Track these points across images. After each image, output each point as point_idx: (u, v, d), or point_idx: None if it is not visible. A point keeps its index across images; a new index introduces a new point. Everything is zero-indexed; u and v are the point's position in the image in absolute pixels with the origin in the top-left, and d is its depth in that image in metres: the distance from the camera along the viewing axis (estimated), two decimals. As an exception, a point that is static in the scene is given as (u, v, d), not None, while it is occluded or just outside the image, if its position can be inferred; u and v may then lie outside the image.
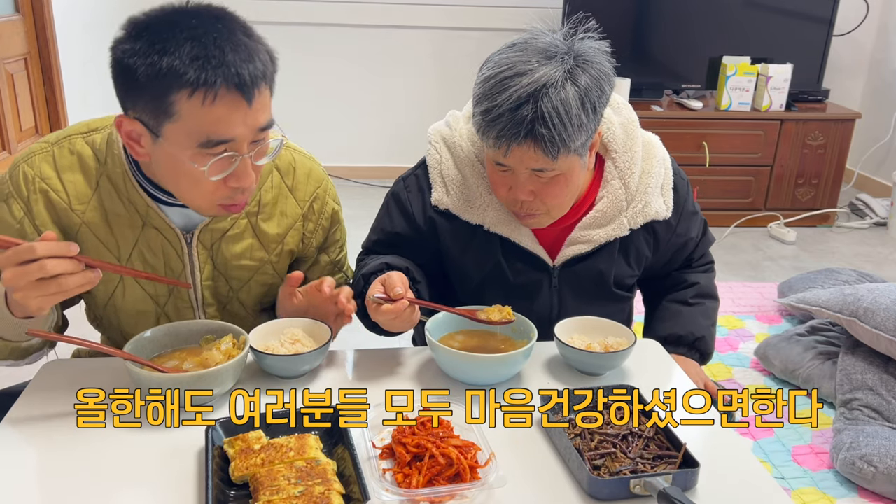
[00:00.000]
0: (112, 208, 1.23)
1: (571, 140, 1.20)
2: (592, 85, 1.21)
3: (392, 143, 4.57)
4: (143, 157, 1.13)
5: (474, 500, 0.98)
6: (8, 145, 2.76)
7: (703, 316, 1.55)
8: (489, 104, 1.20)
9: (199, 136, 1.06)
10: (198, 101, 1.03)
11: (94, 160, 1.22)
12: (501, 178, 1.30)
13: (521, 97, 1.18)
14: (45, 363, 1.27)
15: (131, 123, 1.10)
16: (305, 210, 1.36)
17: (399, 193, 1.45)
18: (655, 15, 4.12)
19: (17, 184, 1.21)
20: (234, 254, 1.31)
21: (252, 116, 1.08)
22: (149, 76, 1.03)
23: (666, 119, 3.90)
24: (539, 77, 1.18)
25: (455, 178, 1.40)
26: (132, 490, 0.98)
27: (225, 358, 1.18)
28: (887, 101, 4.45)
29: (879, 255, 3.80)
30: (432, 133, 1.45)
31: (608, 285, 1.44)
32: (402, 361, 1.31)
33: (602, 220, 1.39)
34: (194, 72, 1.02)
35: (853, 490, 2.05)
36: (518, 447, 1.08)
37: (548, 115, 1.17)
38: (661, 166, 1.43)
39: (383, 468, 1.01)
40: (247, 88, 1.05)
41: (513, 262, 1.41)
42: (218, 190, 1.13)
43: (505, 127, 1.19)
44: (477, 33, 4.44)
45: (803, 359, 2.55)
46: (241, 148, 1.10)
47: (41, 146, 1.24)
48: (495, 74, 1.21)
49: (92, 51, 3.49)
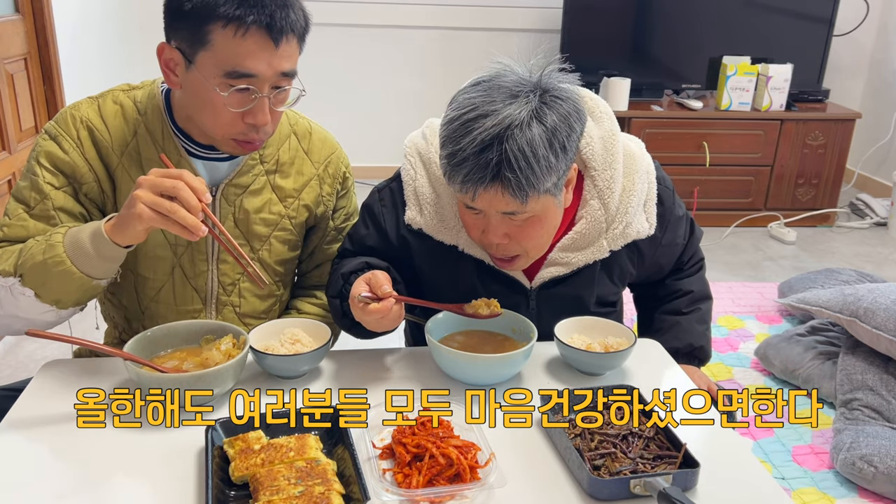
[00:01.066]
0: (147, 155, 1.30)
1: (540, 182, 1.14)
2: (560, 124, 1.14)
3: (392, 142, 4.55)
4: (175, 85, 1.24)
5: (474, 500, 0.98)
6: (8, 145, 2.75)
7: (699, 322, 1.53)
8: (453, 147, 1.15)
9: (226, 66, 1.17)
10: (230, 33, 1.15)
11: (134, 111, 1.32)
12: (474, 221, 1.25)
13: (484, 140, 1.11)
14: (45, 363, 1.27)
15: (171, 52, 1.21)
16: (320, 171, 1.44)
17: (373, 206, 1.40)
18: (655, 15, 4.12)
19: (65, 124, 1.30)
20: (254, 207, 1.37)
21: (277, 59, 1.18)
22: (193, 5, 1.15)
23: (666, 119, 3.90)
24: (503, 118, 1.11)
25: (429, 196, 1.34)
26: (132, 490, 0.98)
27: (225, 358, 1.18)
28: (887, 101, 4.45)
29: (879, 255, 3.80)
30: (408, 146, 1.39)
31: (588, 305, 1.40)
32: (402, 361, 1.31)
33: (581, 243, 1.33)
34: (232, 6, 1.14)
35: (853, 490, 2.05)
36: (518, 447, 1.08)
37: (513, 157, 1.11)
38: (644, 181, 1.37)
39: (383, 468, 1.02)
40: (276, 31, 1.16)
41: (488, 284, 1.36)
42: (235, 123, 1.22)
43: (470, 171, 1.13)
44: (477, 33, 4.44)
45: (803, 359, 2.55)
46: (261, 86, 1.19)
47: (85, 99, 1.34)
48: (459, 116, 1.15)
49: (92, 50, 3.49)
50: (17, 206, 1.28)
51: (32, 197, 1.27)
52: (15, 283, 1.19)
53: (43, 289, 1.18)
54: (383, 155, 4.50)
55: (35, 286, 1.18)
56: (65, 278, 1.17)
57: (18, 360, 2.56)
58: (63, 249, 1.16)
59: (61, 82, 3.08)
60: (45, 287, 1.18)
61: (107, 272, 1.20)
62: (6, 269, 1.20)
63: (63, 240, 1.17)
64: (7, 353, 2.61)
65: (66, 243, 1.17)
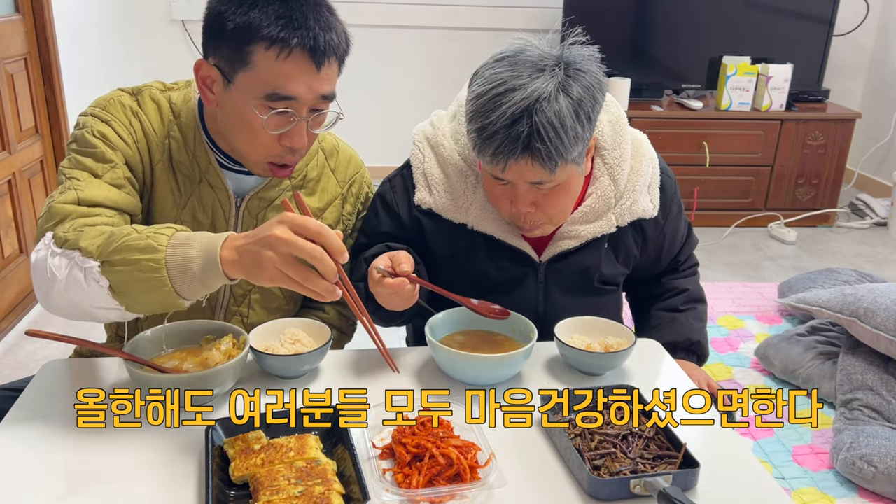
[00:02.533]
0: (178, 158, 1.29)
1: (568, 151, 1.19)
2: (585, 95, 1.20)
3: (391, 142, 4.56)
4: (211, 103, 1.23)
5: (474, 500, 0.98)
6: (8, 145, 2.75)
7: (696, 319, 1.55)
8: (483, 122, 1.19)
9: (267, 88, 1.15)
10: (273, 55, 1.13)
11: (169, 112, 1.30)
12: (502, 192, 1.30)
13: (514, 113, 1.17)
14: (45, 363, 1.27)
15: (209, 69, 1.20)
16: (344, 191, 1.44)
17: (385, 194, 1.45)
18: (655, 15, 4.12)
19: (115, 111, 1.26)
20: None
21: (318, 82, 1.17)
22: (235, 25, 1.13)
23: (666, 119, 3.90)
24: (532, 92, 1.16)
25: (438, 177, 1.40)
26: (132, 490, 0.98)
27: (225, 358, 1.18)
28: (887, 101, 4.45)
29: (879, 255, 3.80)
30: (416, 133, 1.45)
31: (593, 280, 1.44)
32: (402, 361, 1.31)
33: (590, 216, 1.39)
34: (276, 28, 1.12)
35: (853, 490, 2.05)
36: (518, 447, 1.08)
37: (543, 129, 1.16)
38: (649, 165, 1.43)
39: (383, 468, 1.02)
40: (319, 54, 1.15)
41: (498, 259, 1.41)
42: (272, 146, 1.20)
43: (501, 144, 1.18)
44: (478, 33, 4.44)
45: (803, 359, 2.55)
46: (300, 109, 1.18)
47: (120, 91, 1.30)
48: (487, 91, 1.19)
49: (92, 51, 3.49)
50: (80, 174, 1.20)
51: (100, 166, 1.21)
52: (93, 268, 1.05)
53: (122, 286, 1.04)
54: (384, 155, 4.50)
55: (114, 279, 1.04)
56: (152, 286, 1.02)
57: (18, 360, 2.56)
58: (164, 256, 1.01)
59: (61, 82, 3.08)
60: (125, 285, 1.04)
61: (199, 296, 1.07)
62: (88, 249, 1.06)
63: (168, 245, 1.02)
64: (7, 353, 2.61)
65: (169, 251, 1.02)
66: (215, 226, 1.33)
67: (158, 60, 4.17)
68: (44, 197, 3.05)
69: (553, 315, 1.39)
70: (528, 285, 1.42)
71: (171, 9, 4.14)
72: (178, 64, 4.21)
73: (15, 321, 2.76)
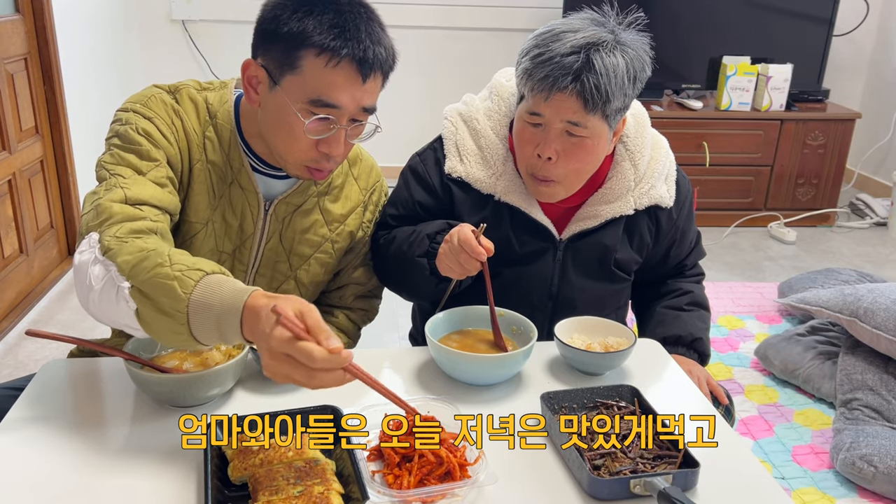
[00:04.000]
0: (213, 158, 1.30)
1: (612, 98, 1.25)
2: (637, 59, 1.28)
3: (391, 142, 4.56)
4: (254, 103, 1.24)
5: (465, 497, 0.97)
6: (8, 145, 2.75)
7: (700, 320, 1.57)
8: (541, 50, 1.26)
9: (312, 94, 1.17)
10: (322, 62, 1.15)
11: (206, 112, 1.30)
12: (531, 135, 1.33)
13: (574, 47, 1.24)
14: (45, 363, 1.27)
15: (257, 69, 1.21)
16: (366, 199, 1.47)
17: (416, 166, 1.50)
18: (655, 15, 4.11)
19: (158, 108, 1.25)
20: (302, 227, 1.38)
21: (361, 93, 1.19)
22: (289, 29, 1.15)
23: (666, 119, 3.90)
24: (593, 34, 1.25)
25: (471, 148, 1.45)
26: (132, 490, 0.98)
27: (225, 358, 1.18)
28: (887, 101, 4.45)
29: (879, 255, 3.80)
30: (448, 111, 1.50)
31: (609, 262, 1.47)
32: (402, 361, 1.31)
33: (610, 197, 1.43)
34: (328, 36, 1.14)
35: (853, 490, 2.05)
36: (518, 447, 1.08)
37: (597, 67, 1.23)
38: (667, 159, 1.49)
39: (372, 470, 1.01)
40: (366, 66, 1.17)
41: (521, 233, 1.44)
42: (310, 150, 1.22)
43: (554, 69, 1.24)
44: (478, 33, 4.44)
45: (803, 359, 2.55)
46: (341, 118, 1.20)
47: (156, 88, 1.29)
48: (550, 30, 1.28)
49: (92, 51, 3.49)
50: (124, 171, 1.17)
51: (144, 164, 1.19)
52: (125, 288, 1.02)
53: (146, 317, 1.01)
54: (384, 155, 4.50)
55: (141, 308, 1.01)
56: (170, 325, 0.99)
57: (18, 360, 2.56)
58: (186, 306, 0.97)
59: (61, 82, 3.08)
60: (149, 317, 1.00)
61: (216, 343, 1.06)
62: (123, 267, 1.03)
63: (192, 293, 0.97)
64: (7, 353, 2.61)
65: (193, 298, 0.97)
66: (243, 228, 1.34)
67: (158, 60, 4.17)
68: (44, 197, 3.05)
69: (565, 295, 1.45)
70: (546, 261, 1.46)
71: (171, 9, 4.14)
72: (178, 64, 4.21)
73: (15, 321, 2.76)
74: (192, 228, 1.30)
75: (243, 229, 1.34)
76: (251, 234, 1.35)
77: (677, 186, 1.50)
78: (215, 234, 1.32)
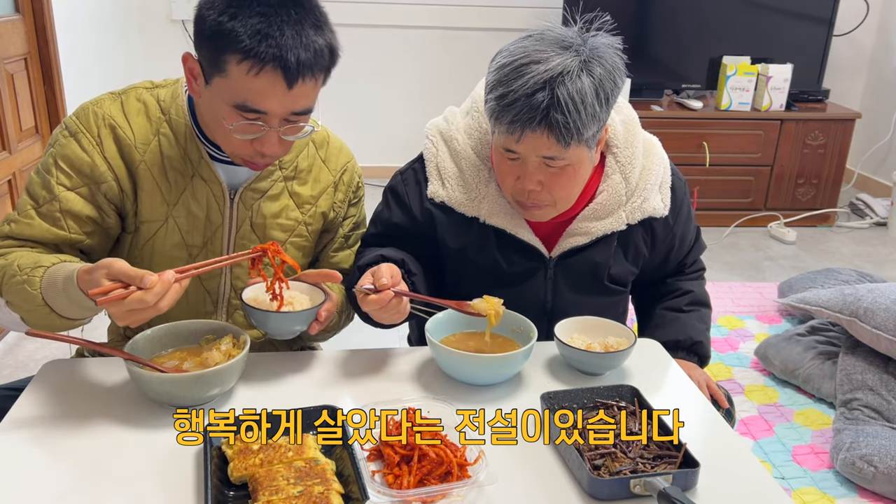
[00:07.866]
0: (169, 154, 1.30)
1: (585, 128, 1.21)
2: (606, 77, 1.22)
3: (391, 142, 4.57)
4: (196, 94, 1.24)
5: (465, 497, 0.97)
6: (8, 145, 2.75)
7: (699, 321, 1.55)
8: (504, 90, 1.21)
9: (237, 98, 1.15)
10: (244, 69, 1.12)
11: (157, 110, 1.30)
12: (510, 168, 1.30)
13: (537, 83, 1.18)
14: (45, 363, 1.27)
15: (193, 63, 1.21)
16: (336, 179, 1.44)
17: (396, 187, 1.46)
18: (655, 15, 4.12)
19: (86, 121, 1.28)
20: (272, 213, 1.37)
21: (290, 99, 1.16)
22: (213, 31, 1.13)
23: (666, 119, 3.90)
24: (555, 65, 1.19)
25: (451, 170, 1.41)
26: (132, 490, 0.98)
27: (225, 358, 1.17)
28: (887, 101, 4.45)
29: (879, 255, 3.80)
30: (429, 128, 1.46)
31: (602, 278, 1.44)
32: (402, 361, 1.31)
33: (601, 213, 1.40)
34: (250, 42, 1.11)
35: (853, 490, 2.05)
36: (518, 446, 1.08)
37: (563, 102, 1.18)
38: (660, 165, 1.44)
39: (372, 470, 1.01)
40: (290, 73, 1.12)
41: (509, 254, 1.41)
42: (244, 146, 1.21)
43: (520, 112, 1.19)
44: (477, 33, 4.44)
45: (803, 359, 2.55)
46: (271, 121, 1.18)
47: (107, 95, 1.33)
48: (511, 61, 1.22)
49: (92, 51, 3.49)
50: (28, 201, 1.27)
51: (42, 195, 1.26)
52: (2, 303, 1.20)
53: (24, 313, 1.18)
54: (384, 155, 4.50)
55: (18, 310, 1.18)
56: (45, 315, 1.16)
57: (18, 360, 2.56)
58: (41, 297, 1.14)
59: (61, 82, 3.08)
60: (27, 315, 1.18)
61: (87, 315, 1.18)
62: None
63: (41, 284, 1.14)
64: (7, 353, 2.61)
65: (42, 286, 1.14)
66: (210, 218, 1.34)
67: (158, 60, 4.16)
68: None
69: (560, 312, 1.39)
70: (537, 280, 1.43)
71: (171, 9, 4.14)
72: (178, 64, 4.20)
73: (15, 321, 2.76)
74: (151, 228, 1.32)
75: (210, 220, 1.34)
76: (220, 224, 1.34)
77: (673, 191, 1.46)
78: (179, 229, 1.33)
